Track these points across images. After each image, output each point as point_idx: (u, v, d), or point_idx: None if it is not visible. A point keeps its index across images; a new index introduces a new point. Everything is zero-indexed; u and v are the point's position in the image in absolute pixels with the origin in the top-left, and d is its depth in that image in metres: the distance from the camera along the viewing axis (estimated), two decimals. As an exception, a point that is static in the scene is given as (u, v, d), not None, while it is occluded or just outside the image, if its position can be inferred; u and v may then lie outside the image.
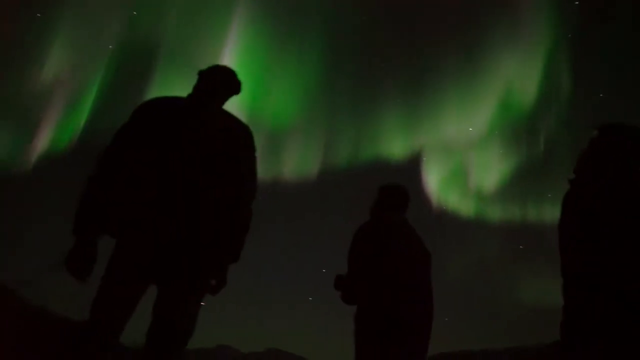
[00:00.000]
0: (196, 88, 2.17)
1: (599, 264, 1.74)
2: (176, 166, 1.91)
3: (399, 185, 3.05)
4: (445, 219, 12.94)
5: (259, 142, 2.21)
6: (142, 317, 1.93)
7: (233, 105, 2.24)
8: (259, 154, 2.21)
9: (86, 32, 11.43)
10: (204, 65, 2.24)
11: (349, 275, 2.79)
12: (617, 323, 1.68)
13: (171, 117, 2.02)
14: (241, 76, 2.25)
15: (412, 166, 12.66)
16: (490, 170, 13.05)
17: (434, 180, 13.10)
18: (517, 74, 12.98)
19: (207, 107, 2.11)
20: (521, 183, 12.80)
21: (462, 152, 13.14)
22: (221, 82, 2.17)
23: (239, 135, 2.12)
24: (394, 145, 12.88)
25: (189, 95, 2.15)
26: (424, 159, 13.00)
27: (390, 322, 2.60)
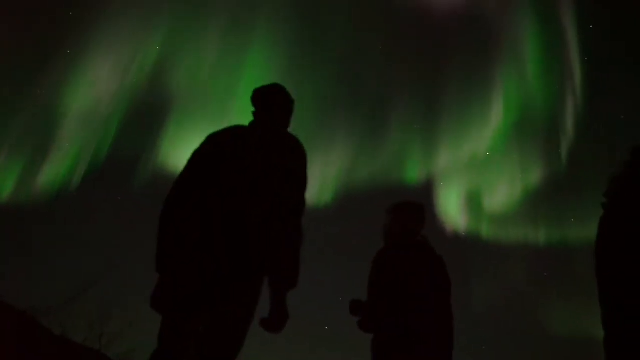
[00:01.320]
0: (258, 115, 2.20)
1: None
2: (214, 202, 1.95)
3: (414, 202, 2.96)
4: (464, 245, 12.72)
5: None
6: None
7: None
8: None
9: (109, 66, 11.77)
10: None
11: (370, 301, 2.74)
12: None
13: (238, 150, 2.04)
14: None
15: (428, 191, 12.53)
16: (509, 192, 12.86)
17: (451, 205, 12.94)
18: (531, 91, 12.91)
19: (271, 134, 2.12)
20: (541, 204, 12.53)
21: (479, 175, 12.99)
22: (281, 106, 2.21)
23: (286, 149, 2.08)
24: (409, 170, 12.82)
25: (252, 124, 2.19)
26: (441, 183, 12.90)
27: (412, 344, 2.54)
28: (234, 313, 1.91)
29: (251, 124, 2.19)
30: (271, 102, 2.21)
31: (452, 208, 12.82)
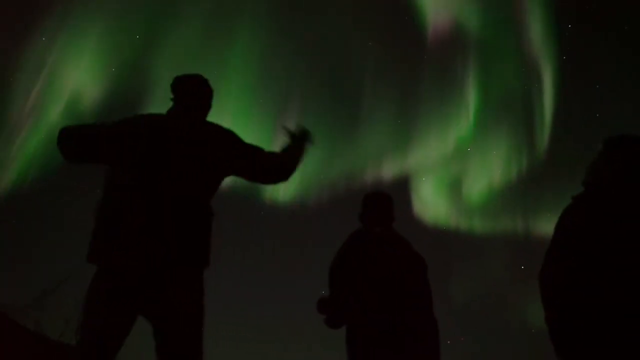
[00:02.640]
0: (176, 102, 2.20)
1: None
2: (164, 186, 1.91)
3: (381, 193, 2.95)
4: (444, 238, 12.82)
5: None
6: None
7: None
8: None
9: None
10: None
11: (333, 292, 2.70)
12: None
13: (155, 135, 2.03)
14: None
15: (405, 185, 12.58)
16: (489, 184, 12.98)
17: (430, 198, 13.01)
18: (509, 82, 13.02)
19: (190, 121, 2.13)
20: (521, 195, 12.69)
21: (457, 167, 13.07)
22: (200, 93, 2.21)
23: (221, 138, 2.14)
24: (382, 169, 12.82)
25: (170, 111, 2.19)
26: (422, 178, 12.96)
27: (391, 331, 2.51)
28: (186, 304, 1.86)
29: (169, 111, 2.20)
30: (189, 91, 2.21)
31: (431, 201, 12.90)
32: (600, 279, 1.66)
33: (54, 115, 11.18)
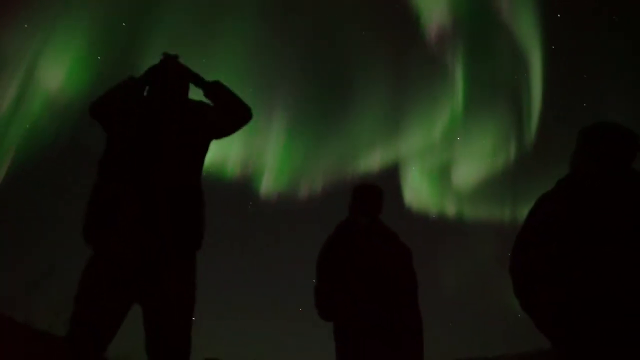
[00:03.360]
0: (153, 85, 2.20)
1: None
2: (157, 177, 1.91)
3: (371, 185, 2.97)
4: (433, 226, 12.92)
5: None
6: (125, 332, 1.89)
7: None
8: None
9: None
10: None
11: (320, 282, 2.70)
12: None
13: (144, 121, 2.04)
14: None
15: (394, 174, 12.62)
16: (477, 172, 13.06)
17: (419, 187, 13.07)
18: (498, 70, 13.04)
19: (171, 102, 2.14)
20: (509, 183, 12.79)
21: (446, 156, 13.12)
22: (176, 74, 2.20)
23: (197, 111, 2.17)
24: (372, 158, 12.82)
25: (149, 94, 2.19)
26: (412, 168, 13.00)
27: (380, 323, 2.53)
28: (179, 296, 1.87)
29: (147, 96, 2.21)
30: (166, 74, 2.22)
31: (420, 189, 12.97)
32: (579, 267, 1.66)
33: (36, 106, 10.98)
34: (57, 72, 11.24)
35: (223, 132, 2.22)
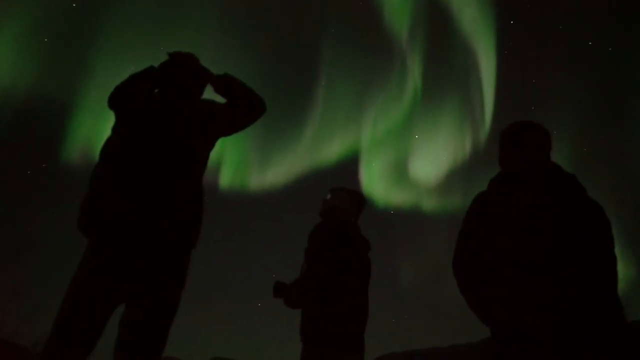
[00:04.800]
0: (168, 83, 2.15)
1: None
2: (155, 169, 1.91)
3: (358, 192, 3.12)
4: (393, 219, 13.23)
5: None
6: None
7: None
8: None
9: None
10: None
11: (312, 273, 2.77)
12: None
13: (153, 119, 2.02)
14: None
15: (352, 168, 12.78)
16: (434, 165, 13.46)
17: (376, 180, 13.31)
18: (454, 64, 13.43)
19: (185, 102, 2.12)
20: (465, 176, 13.26)
21: (404, 149, 13.44)
22: (193, 75, 2.17)
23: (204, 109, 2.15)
24: (329, 151, 12.93)
25: (162, 91, 2.14)
26: (372, 164, 13.20)
27: (344, 332, 2.64)
28: (167, 296, 1.86)
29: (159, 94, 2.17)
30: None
31: (377, 183, 13.22)
32: (513, 264, 1.76)
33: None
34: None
35: (237, 127, 2.21)
